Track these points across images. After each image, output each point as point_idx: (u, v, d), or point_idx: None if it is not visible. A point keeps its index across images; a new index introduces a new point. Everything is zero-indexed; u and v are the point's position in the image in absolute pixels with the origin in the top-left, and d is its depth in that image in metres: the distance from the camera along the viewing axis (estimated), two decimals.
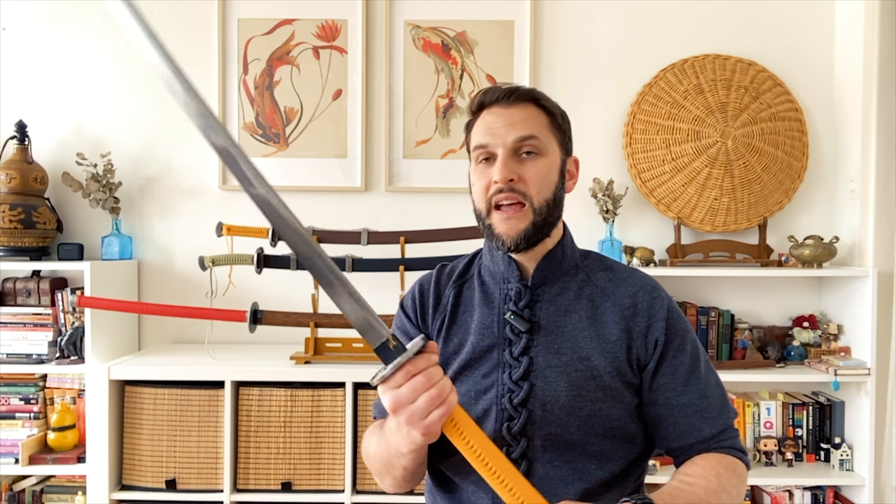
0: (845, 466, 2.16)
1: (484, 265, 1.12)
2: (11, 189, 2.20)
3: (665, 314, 1.03)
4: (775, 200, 2.36)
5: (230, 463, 1.98)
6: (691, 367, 1.02)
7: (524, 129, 1.02)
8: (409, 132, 2.41)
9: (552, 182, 1.04)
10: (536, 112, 1.05)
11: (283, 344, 2.31)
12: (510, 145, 1.01)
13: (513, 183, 1.00)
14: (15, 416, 2.16)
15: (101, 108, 2.41)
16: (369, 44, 2.40)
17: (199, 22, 2.40)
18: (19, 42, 2.40)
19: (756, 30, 2.40)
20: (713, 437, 1.01)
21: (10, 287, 2.25)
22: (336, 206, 2.41)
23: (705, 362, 1.05)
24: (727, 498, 0.94)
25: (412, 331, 1.13)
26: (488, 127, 1.03)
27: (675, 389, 1.01)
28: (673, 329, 1.03)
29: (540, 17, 2.40)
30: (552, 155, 1.04)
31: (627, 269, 1.10)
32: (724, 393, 1.05)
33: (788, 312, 2.38)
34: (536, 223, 1.01)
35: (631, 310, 1.03)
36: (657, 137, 2.36)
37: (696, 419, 1.01)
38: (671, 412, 1.01)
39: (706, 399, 1.02)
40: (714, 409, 1.02)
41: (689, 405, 1.01)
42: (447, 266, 1.17)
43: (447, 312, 1.10)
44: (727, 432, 1.02)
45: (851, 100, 2.30)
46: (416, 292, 1.15)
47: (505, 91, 1.04)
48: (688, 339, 1.04)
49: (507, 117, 1.02)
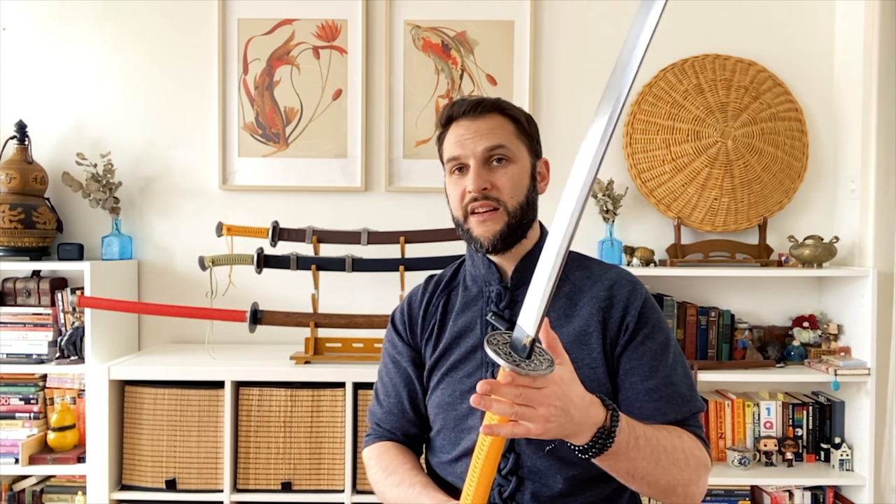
0: (845, 466, 2.16)
1: (467, 270, 1.18)
2: (11, 189, 2.20)
3: (640, 304, 1.06)
4: (775, 200, 2.36)
5: (230, 463, 1.97)
6: (660, 355, 1.04)
7: (492, 138, 1.07)
8: (409, 132, 2.41)
9: (524, 186, 1.09)
10: (503, 121, 1.09)
11: (283, 344, 2.31)
12: (480, 155, 1.07)
13: (486, 191, 1.06)
14: (15, 416, 2.16)
15: (101, 108, 2.41)
16: (369, 44, 2.40)
17: (199, 22, 2.40)
18: (19, 42, 2.40)
19: (756, 30, 2.40)
20: (677, 423, 1.02)
21: (10, 287, 2.25)
22: (336, 206, 2.41)
23: (676, 353, 1.06)
24: (682, 458, 0.93)
25: (400, 345, 1.19)
26: (458, 139, 1.09)
27: (641, 374, 1.03)
28: (645, 317, 1.05)
29: (540, 17, 2.40)
30: (522, 160, 1.09)
31: (605, 266, 1.14)
32: (693, 384, 1.07)
33: (788, 312, 2.38)
34: (511, 225, 1.07)
35: (607, 301, 1.07)
36: (657, 137, 2.36)
37: (661, 404, 1.01)
38: (636, 396, 1.02)
39: (672, 386, 1.02)
40: (680, 396, 1.02)
41: (655, 390, 1.02)
42: (434, 277, 1.23)
43: (436, 320, 1.16)
44: (692, 420, 1.03)
45: (851, 100, 2.30)
46: (405, 306, 1.21)
47: (471, 103, 1.10)
48: (659, 329, 1.06)
49: (476, 129, 1.08)
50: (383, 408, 1.20)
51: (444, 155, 1.13)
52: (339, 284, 2.34)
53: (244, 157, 2.41)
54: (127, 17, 2.40)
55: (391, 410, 1.18)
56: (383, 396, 1.20)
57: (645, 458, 0.88)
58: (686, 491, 0.94)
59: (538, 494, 1.01)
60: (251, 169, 2.41)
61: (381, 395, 1.21)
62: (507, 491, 1.02)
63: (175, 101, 2.42)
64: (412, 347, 1.18)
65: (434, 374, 1.14)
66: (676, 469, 0.92)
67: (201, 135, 2.42)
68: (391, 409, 1.18)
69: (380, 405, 1.21)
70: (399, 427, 1.19)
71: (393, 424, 1.19)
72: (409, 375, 1.17)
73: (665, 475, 0.91)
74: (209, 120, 2.41)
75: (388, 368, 1.21)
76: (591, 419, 0.82)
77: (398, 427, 1.19)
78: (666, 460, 0.91)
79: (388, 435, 1.20)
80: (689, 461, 0.94)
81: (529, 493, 1.01)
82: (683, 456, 0.94)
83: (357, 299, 2.36)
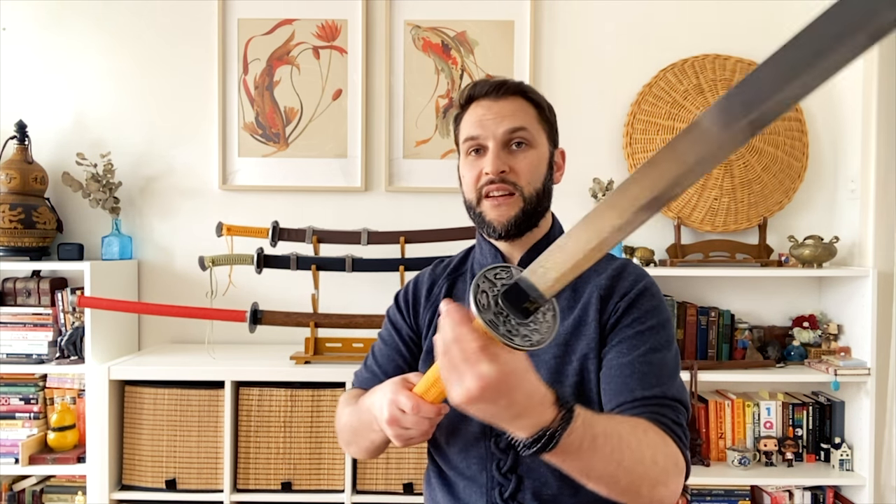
0: (845, 466, 2.16)
1: (476, 258, 1.15)
2: (11, 189, 2.20)
3: (638, 290, 1.02)
4: (775, 200, 2.36)
5: (230, 463, 1.97)
6: (644, 337, 0.98)
7: (514, 121, 1.03)
8: (409, 132, 2.41)
9: (541, 173, 1.06)
10: (525, 105, 1.06)
11: (283, 344, 2.31)
12: (501, 137, 1.03)
13: (504, 174, 1.02)
14: (15, 416, 2.16)
15: (101, 108, 2.41)
16: (369, 44, 2.40)
17: (199, 22, 2.40)
18: (19, 42, 2.40)
19: (756, 30, 2.40)
20: (644, 400, 0.93)
21: (10, 287, 2.25)
22: (336, 206, 2.42)
23: (664, 341, 0.99)
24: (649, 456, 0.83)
25: (399, 320, 1.16)
26: (479, 119, 1.05)
27: (620, 352, 0.98)
28: (639, 302, 1.01)
29: (540, 17, 2.40)
30: (541, 147, 1.07)
31: (612, 257, 1.10)
32: (676, 375, 0.99)
33: (788, 312, 2.38)
34: (526, 211, 1.04)
35: (608, 290, 1.03)
36: (657, 137, 2.36)
37: (631, 380, 0.95)
38: (610, 372, 0.97)
39: (649, 365, 0.96)
40: (654, 376, 0.95)
41: (629, 365, 0.96)
42: (444, 260, 1.20)
43: (438, 305, 1.09)
44: (663, 400, 0.94)
45: (851, 100, 2.30)
46: (411, 285, 1.18)
47: (494, 84, 1.06)
48: (652, 315, 1.00)
49: (497, 110, 1.04)
50: (369, 373, 1.16)
51: (460, 135, 1.09)
52: (339, 284, 2.34)
53: (244, 157, 2.41)
54: (127, 17, 2.40)
55: (376, 377, 1.13)
56: (370, 362, 1.17)
57: (603, 459, 0.78)
58: (652, 493, 0.84)
59: (539, 494, 1.00)
60: (251, 169, 2.41)
61: (369, 361, 1.18)
62: (507, 491, 1.01)
63: (175, 101, 2.42)
64: (410, 327, 1.15)
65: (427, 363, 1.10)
66: (642, 468, 0.82)
67: (201, 135, 2.42)
68: (376, 376, 1.13)
69: (366, 369, 1.18)
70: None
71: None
72: (402, 352, 1.14)
73: (627, 476, 0.81)
74: (209, 120, 2.41)
75: (383, 339, 1.18)
76: (532, 419, 0.71)
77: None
78: (630, 459, 0.80)
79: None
80: (658, 459, 0.85)
81: (530, 492, 1.00)
82: (650, 452, 0.84)
83: (357, 299, 2.36)
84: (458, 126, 1.10)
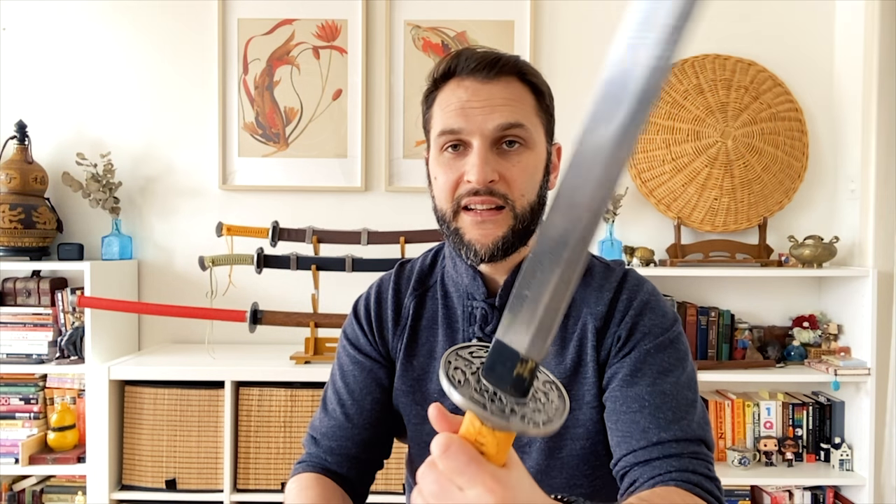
0: (845, 466, 2.16)
1: (447, 272, 0.94)
2: (11, 189, 2.20)
3: (639, 306, 0.84)
4: (775, 200, 2.36)
5: (230, 463, 1.97)
6: (652, 358, 0.80)
7: (509, 114, 0.80)
8: (409, 132, 2.41)
9: (537, 181, 0.83)
10: (522, 90, 0.83)
11: (283, 344, 2.31)
12: (490, 134, 0.80)
13: (492, 185, 0.79)
14: (15, 416, 2.16)
15: (101, 108, 2.41)
16: (369, 44, 2.40)
17: (199, 22, 2.40)
18: (19, 42, 2.40)
19: (756, 30, 2.40)
20: (662, 446, 0.74)
21: (10, 287, 2.25)
22: (336, 206, 2.41)
23: (676, 360, 0.81)
24: None
25: (363, 341, 0.95)
26: (461, 105, 0.80)
27: (624, 380, 0.79)
28: (642, 321, 0.83)
29: (540, 17, 2.40)
30: (539, 146, 0.84)
31: (608, 271, 0.90)
32: (695, 398, 0.80)
33: (788, 312, 2.38)
34: (516, 230, 0.81)
35: (604, 319, 0.85)
36: (657, 137, 2.36)
37: (642, 417, 0.76)
38: (616, 407, 0.78)
39: (662, 396, 0.77)
40: (670, 409, 0.76)
41: (637, 399, 0.77)
42: (406, 267, 0.99)
43: (407, 329, 0.93)
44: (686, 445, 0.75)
45: (851, 100, 2.30)
46: (373, 300, 0.97)
47: (485, 60, 0.81)
48: (659, 331, 0.83)
49: (487, 96, 0.80)
50: (330, 419, 0.93)
51: (433, 123, 0.85)
52: (339, 284, 2.34)
53: (244, 157, 2.41)
54: (127, 17, 2.40)
55: (340, 423, 0.92)
56: (334, 405, 0.93)
57: None
58: None
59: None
60: (251, 169, 2.41)
61: (332, 403, 0.94)
62: None
63: (175, 101, 2.42)
64: (376, 349, 0.95)
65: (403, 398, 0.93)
66: None
67: (201, 135, 2.42)
68: (340, 421, 0.92)
69: (326, 415, 0.94)
70: (344, 448, 0.91)
71: (339, 442, 0.92)
72: (378, 378, 0.93)
73: None
74: (209, 120, 2.41)
75: (346, 370, 0.94)
76: None
77: (343, 448, 0.91)
78: None
79: (324, 462, 0.92)
80: None
81: None
82: None
83: None
84: (429, 109, 0.86)
